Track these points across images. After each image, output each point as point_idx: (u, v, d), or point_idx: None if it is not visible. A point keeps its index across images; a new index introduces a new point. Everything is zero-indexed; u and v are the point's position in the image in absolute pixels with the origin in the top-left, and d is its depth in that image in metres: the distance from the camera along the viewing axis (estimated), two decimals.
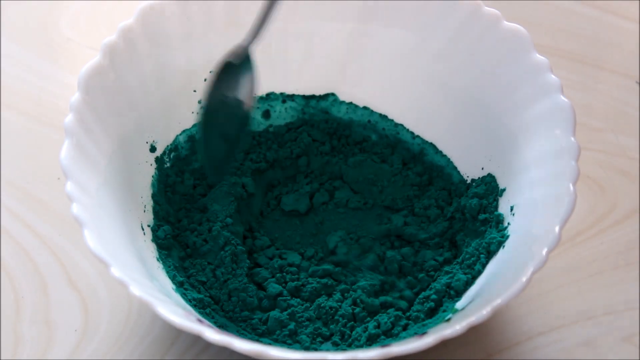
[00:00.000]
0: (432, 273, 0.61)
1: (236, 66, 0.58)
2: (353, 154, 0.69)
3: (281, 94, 0.69)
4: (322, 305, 0.59)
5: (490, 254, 0.57)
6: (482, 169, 0.63)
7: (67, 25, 0.83)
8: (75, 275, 0.62)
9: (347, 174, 0.68)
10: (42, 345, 0.58)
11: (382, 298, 0.60)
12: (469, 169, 0.64)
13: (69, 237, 0.64)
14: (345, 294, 0.60)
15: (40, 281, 0.62)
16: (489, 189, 0.61)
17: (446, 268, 0.60)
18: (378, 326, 0.57)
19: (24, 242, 0.64)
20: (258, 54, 0.65)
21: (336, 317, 0.58)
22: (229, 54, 0.58)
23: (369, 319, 0.58)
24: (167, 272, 0.57)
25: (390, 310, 0.58)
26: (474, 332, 0.48)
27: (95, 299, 0.61)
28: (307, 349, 0.56)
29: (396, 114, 0.68)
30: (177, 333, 0.58)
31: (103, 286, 0.61)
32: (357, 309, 0.59)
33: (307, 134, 0.69)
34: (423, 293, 0.59)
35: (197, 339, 0.47)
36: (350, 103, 0.69)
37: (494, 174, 0.61)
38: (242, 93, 0.58)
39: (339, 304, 0.59)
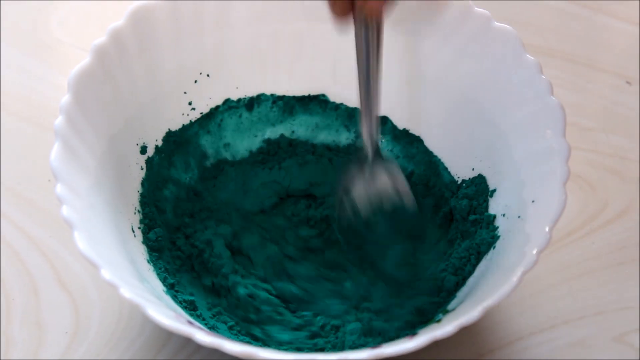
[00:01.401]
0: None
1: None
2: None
3: (272, 95, 0.68)
4: (316, 309, 0.59)
5: (480, 254, 0.57)
6: (473, 169, 0.63)
7: (57, 26, 0.83)
8: (65, 277, 0.62)
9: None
10: (33, 347, 0.58)
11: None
12: (460, 169, 0.64)
13: (59, 238, 0.64)
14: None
15: (31, 283, 0.62)
16: (479, 190, 0.61)
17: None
18: (370, 328, 0.57)
19: (14, 244, 0.64)
20: (248, 55, 0.65)
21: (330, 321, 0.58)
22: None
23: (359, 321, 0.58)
24: (158, 274, 0.57)
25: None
26: (465, 333, 0.48)
27: (86, 301, 0.61)
28: (299, 350, 0.56)
29: (386, 115, 0.68)
30: (168, 335, 0.58)
31: (94, 288, 0.61)
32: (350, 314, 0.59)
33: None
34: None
35: (188, 340, 0.47)
36: (341, 104, 0.69)
37: (484, 175, 0.61)
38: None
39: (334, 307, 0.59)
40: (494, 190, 0.60)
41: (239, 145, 0.68)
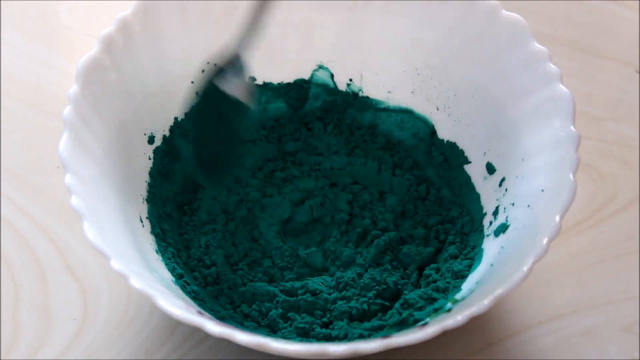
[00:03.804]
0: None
1: (228, 71, 0.58)
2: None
3: (279, 84, 0.68)
4: (325, 296, 0.59)
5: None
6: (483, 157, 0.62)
7: (67, 13, 0.83)
8: (74, 264, 0.62)
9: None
10: (41, 333, 0.58)
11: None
12: (468, 158, 0.64)
13: (67, 225, 0.64)
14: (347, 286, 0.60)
15: (39, 269, 0.62)
16: None
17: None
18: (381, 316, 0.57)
19: (22, 231, 0.64)
20: (256, 44, 0.65)
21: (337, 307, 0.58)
22: (220, 58, 0.58)
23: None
24: (167, 264, 0.57)
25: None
26: (474, 322, 0.48)
27: (94, 288, 0.61)
28: (306, 335, 0.56)
29: (394, 104, 0.68)
30: (176, 322, 0.58)
31: (102, 275, 0.61)
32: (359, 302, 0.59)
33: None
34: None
35: (195, 328, 0.47)
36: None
37: (492, 163, 0.61)
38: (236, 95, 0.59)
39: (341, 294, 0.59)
40: (503, 179, 0.60)
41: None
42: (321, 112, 0.69)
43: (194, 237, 0.62)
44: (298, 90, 0.68)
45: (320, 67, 0.68)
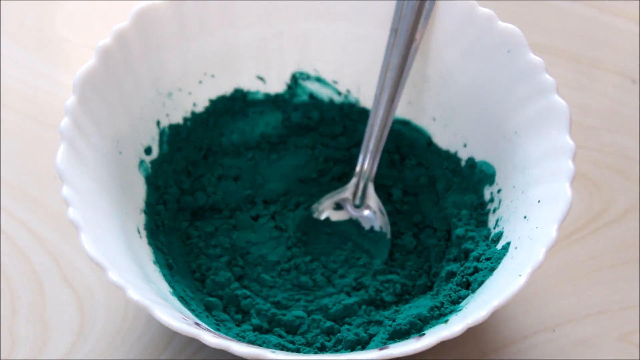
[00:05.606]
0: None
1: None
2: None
3: (275, 94, 0.68)
4: (326, 302, 0.59)
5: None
6: None
7: (63, 24, 0.82)
8: (71, 275, 0.62)
9: None
10: (38, 344, 0.58)
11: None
12: None
13: (64, 236, 0.64)
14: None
15: (36, 280, 0.62)
16: None
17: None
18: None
19: (19, 241, 0.64)
20: (252, 55, 0.65)
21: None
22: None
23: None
24: (164, 276, 0.57)
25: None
26: (470, 331, 0.48)
27: (91, 299, 0.61)
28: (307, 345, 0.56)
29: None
30: (173, 333, 0.58)
31: (99, 285, 0.61)
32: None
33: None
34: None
35: (192, 339, 0.47)
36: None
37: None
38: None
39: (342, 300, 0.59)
40: (499, 190, 0.60)
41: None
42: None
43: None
44: (295, 101, 0.68)
45: (318, 78, 0.68)
